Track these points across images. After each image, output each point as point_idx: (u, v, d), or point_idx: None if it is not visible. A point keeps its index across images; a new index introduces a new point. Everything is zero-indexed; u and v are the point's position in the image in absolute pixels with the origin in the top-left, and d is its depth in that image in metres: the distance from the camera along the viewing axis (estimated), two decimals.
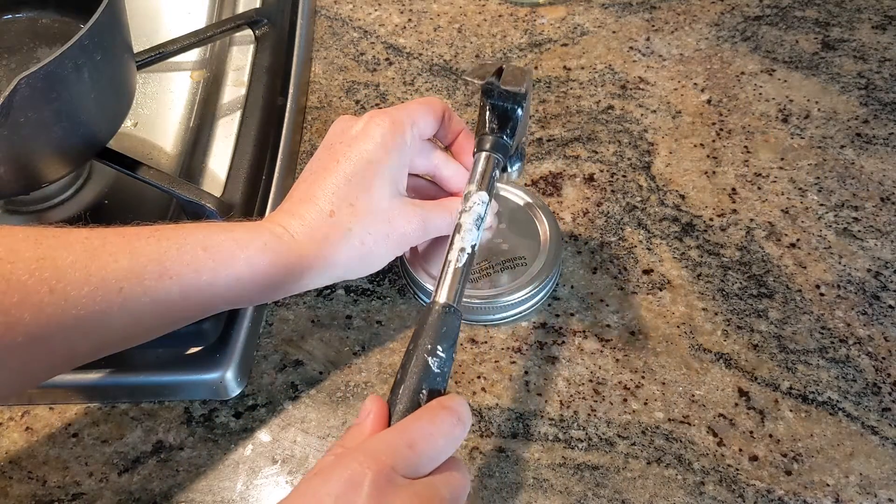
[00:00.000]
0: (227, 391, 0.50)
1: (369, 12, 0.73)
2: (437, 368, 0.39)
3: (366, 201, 0.46)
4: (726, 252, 0.56)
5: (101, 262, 0.40)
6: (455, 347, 0.41)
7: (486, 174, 0.47)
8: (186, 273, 0.41)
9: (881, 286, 0.54)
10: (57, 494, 0.47)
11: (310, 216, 0.45)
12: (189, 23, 0.69)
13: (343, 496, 0.33)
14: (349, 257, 0.46)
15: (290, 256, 0.44)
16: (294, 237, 0.45)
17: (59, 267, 0.39)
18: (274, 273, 0.44)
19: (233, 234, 0.44)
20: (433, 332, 0.40)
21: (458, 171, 0.51)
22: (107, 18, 0.47)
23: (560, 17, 0.72)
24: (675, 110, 0.64)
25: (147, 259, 0.41)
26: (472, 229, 0.45)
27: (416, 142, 0.48)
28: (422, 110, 0.49)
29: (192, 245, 0.42)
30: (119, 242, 0.41)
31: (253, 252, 0.43)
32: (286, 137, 0.62)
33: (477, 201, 0.46)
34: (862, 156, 0.61)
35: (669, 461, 0.47)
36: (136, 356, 0.50)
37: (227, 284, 0.43)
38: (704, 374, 0.51)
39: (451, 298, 0.42)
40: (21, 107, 0.43)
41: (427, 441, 0.36)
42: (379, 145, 0.46)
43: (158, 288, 0.41)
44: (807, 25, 0.70)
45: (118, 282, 0.40)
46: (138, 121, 0.62)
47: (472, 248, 0.44)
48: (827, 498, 0.46)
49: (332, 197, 0.46)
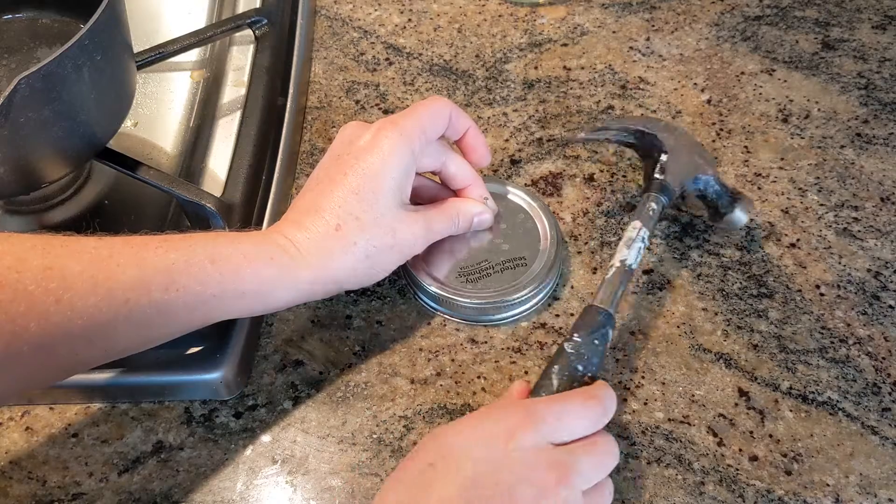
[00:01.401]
0: (227, 391, 0.50)
1: (369, 12, 0.73)
2: (572, 349, 0.45)
3: (371, 215, 0.46)
4: (726, 252, 0.56)
5: (109, 272, 0.40)
6: (600, 341, 0.46)
7: (645, 209, 0.52)
8: (193, 286, 0.42)
9: (881, 286, 0.54)
10: (57, 494, 0.47)
11: (315, 229, 0.46)
12: (189, 23, 0.69)
13: (494, 437, 0.40)
14: (354, 270, 0.47)
15: (295, 270, 0.45)
16: (300, 251, 0.45)
17: (67, 277, 0.39)
18: (279, 287, 0.45)
19: (240, 246, 0.44)
20: (575, 322, 0.47)
21: (462, 167, 0.52)
22: (107, 18, 0.47)
23: (560, 17, 0.72)
24: (675, 110, 0.64)
25: (154, 271, 0.41)
26: (622, 248, 0.50)
27: (424, 149, 0.49)
28: (430, 116, 0.49)
29: (200, 258, 0.42)
30: (127, 253, 0.41)
31: (259, 266, 0.44)
32: (286, 137, 0.62)
33: (634, 226, 0.51)
34: (862, 156, 0.61)
35: (669, 461, 0.47)
36: (136, 356, 0.50)
37: (232, 298, 0.43)
38: (704, 374, 0.51)
39: (596, 299, 0.48)
40: (21, 107, 0.43)
41: (572, 418, 0.41)
42: (387, 158, 0.47)
43: (165, 300, 0.41)
44: (807, 25, 0.70)
45: (125, 293, 0.40)
46: (138, 121, 0.62)
47: (622, 262, 0.49)
48: (827, 498, 0.46)
49: (338, 210, 0.46)
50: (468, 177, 0.52)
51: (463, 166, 0.52)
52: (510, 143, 0.63)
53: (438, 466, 0.39)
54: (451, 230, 0.52)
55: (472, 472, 0.39)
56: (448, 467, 0.39)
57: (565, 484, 0.39)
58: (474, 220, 0.53)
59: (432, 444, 0.41)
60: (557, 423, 0.41)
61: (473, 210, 0.53)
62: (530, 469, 0.39)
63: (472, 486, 0.38)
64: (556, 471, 0.39)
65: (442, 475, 0.39)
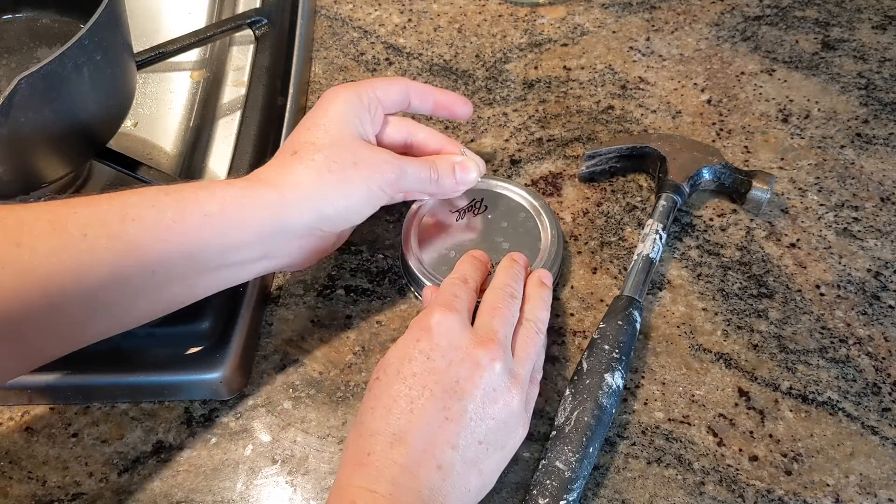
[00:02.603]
0: (227, 391, 0.50)
1: (369, 12, 0.73)
2: (598, 335, 0.49)
3: (326, 139, 0.47)
4: (726, 252, 0.56)
5: (64, 215, 0.40)
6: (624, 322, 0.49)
7: (657, 207, 0.55)
8: (149, 214, 0.41)
9: (881, 286, 0.54)
10: (57, 494, 0.47)
11: (275, 161, 0.47)
12: (189, 23, 0.69)
13: (425, 330, 0.44)
14: (320, 184, 0.46)
15: (257, 190, 0.45)
16: (258, 176, 0.46)
17: (25, 221, 0.39)
18: (245, 206, 0.44)
19: (193, 183, 0.44)
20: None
21: (430, 133, 0.54)
22: (107, 18, 0.47)
23: (560, 17, 0.72)
24: (675, 110, 0.64)
25: (107, 207, 0.41)
26: (639, 244, 0.53)
27: (374, 105, 0.50)
28: (383, 83, 0.52)
29: (154, 192, 0.43)
30: (78, 201, 0.41)
31: (216, 187, 0.44)
32: (286, 137, 0.61)
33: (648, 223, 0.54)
34: (862, 156, 0.61)
35: (669, 461, 0.47)
36: (136, 356, 0.50)
37: (196, 223, 0.42)
38: (704, 374, 0.51)
39: (623, 289, 0.51)
40: (21, 107, 0.43)
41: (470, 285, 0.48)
42: (333, 99, 0.49)
43: (123, 231, 0.41)
44: (807, 25, 0.70)
45: (80, 228, 0.40)
46: (138, 121, 0.62)
47: (638, 254, 0.53)
48: (827, 498, 0.46)
49: (293, 140, 0.48)
50: (439, 139, 0.54)
51: (432, 133, 0.54)
52: (510, 143, 0.63)
53: (382, 378, 0.43)
54: (431, 184, 0.52)
55: (410, 370, 0.42)
56: (389, 375, 0.43)
57: (489, 348, 0.43)
58: (455, 169, 0.53)
59: (378, 365, 0.44)
60: (462, 302, 0.46)
61: (452, 159, 0.53)
62: (455, 347, 0.43)
63: (413, 381, 0.42)
64: (477, 340, 0.43)
65: (387, 384, 0.43)
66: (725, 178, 0.57)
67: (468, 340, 0.43)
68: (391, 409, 0.41)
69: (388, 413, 0.41)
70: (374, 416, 0.42)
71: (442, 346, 0.43)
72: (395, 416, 0.41)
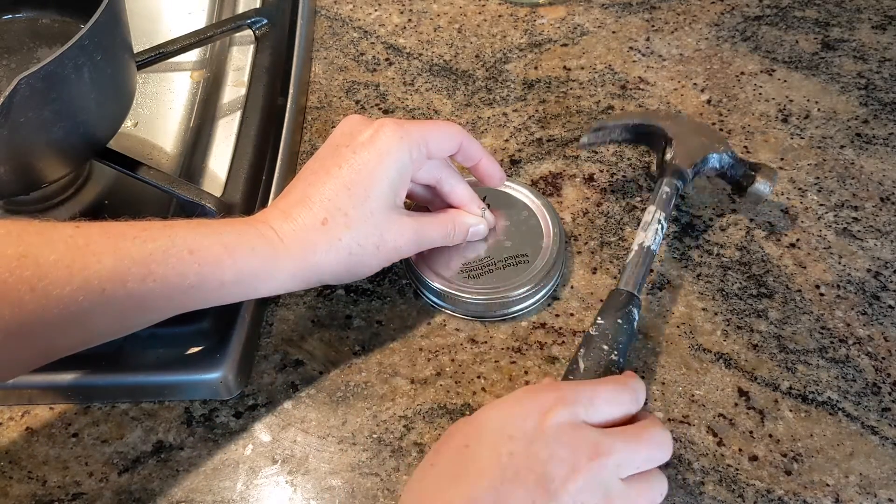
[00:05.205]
0: (227, 391, 0.50)
1: (369, 12, 0.73)
2: (596, 331, 0.47)
3: (360, 213, 0.46)
4: (726, 252, 0.56)
5: (85, 261, 0.40)
6: (623, 320, 0.47)
7: (660, 193, 0.53)
8: (171, 277, 0.41)
9: (881, 286, 0.54)
10: (57, 494, 0.47)
11: (302, 220, 0.45)
12: (189, 23, 0.69)
13: (528, 415, 0.40)
14: (337, 265, 0.46)
15: (277, 262, 0.45)
16: (283, 241, 0.45)
17: (41, 265, 0.39)
18: (259, 278, 0.44)
19: (221, 237, 0.44)
20: (600, 308, 0.48)
21: (461, 187, 0.52)
22: (107, 18, 0.47)
23: (560, 17, 0.72)
24: (675, 110, 0.64)
25: (131, 261, 0.41)
26: (639, 233, 0.51)
27: (422, 159, 0.48)
28: (437, 131, 0.49)
29: (179, 248, 0.42)
30: (104, 243, 0.41)
31: (240, 257, 0.43)
32: (286, 137, 0.62)
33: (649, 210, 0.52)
34: (862, 156, 0.61)
35: (669, 461, 0.47)
36: (136, 356, 0.50)
37: (212, 288, 0.43)
38: (704, 374, 0.51)
39: (619, 283, 0.49)
40: (21, 107, 0.43)
41: (603, 401, 0.41)
42: (383, 157, 0.46)
43: (142, 290, 0.41)
44: (807, 25, 0.70)
45: (101, 283, 0.40)
46: (138, 121, 0.62)
47: (640, 245, 0.50)
48: (827, 498, 0.46)
49: (327, 203, 0.46)
50: (465, 196, 0.52)
51: (459, 185, 0.52)
52: (510, 143, 0.63)
53: (473, 446, 0.39)
54: (445, 240, 0.52)
55: (508, 449, 0.38)
56: (482, 446, 0.39)
57: (598, 461, 0.38)
58: (470, 231, 0.53)
59: (466, 428, 0.41)
60: (589, 403, 0.41)
61: (469, 221, 0.52)
62: (564, 445, 0.39)
63: (508, 461, 0.38)
64: (589, 448, 0.39)
65: (477, 454, 0.39)
66: (730, 167, 0.56)
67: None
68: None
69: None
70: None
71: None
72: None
